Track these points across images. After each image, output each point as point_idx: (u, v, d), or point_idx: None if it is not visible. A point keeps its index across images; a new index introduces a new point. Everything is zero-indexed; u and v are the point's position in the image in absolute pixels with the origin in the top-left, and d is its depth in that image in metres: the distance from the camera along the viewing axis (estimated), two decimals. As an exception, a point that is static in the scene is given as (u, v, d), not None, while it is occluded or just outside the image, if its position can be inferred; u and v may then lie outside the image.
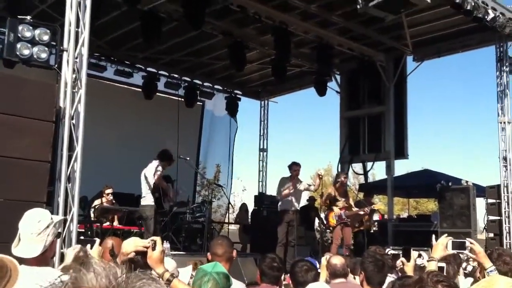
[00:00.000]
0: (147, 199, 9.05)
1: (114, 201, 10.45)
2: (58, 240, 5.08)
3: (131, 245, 2.64)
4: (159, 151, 9.73)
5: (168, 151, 9.70)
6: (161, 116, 15.52)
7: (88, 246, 3.25)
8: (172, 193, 10.17)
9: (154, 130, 15.30)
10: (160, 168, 9.30)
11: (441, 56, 14.03)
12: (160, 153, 9.44)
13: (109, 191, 10.49)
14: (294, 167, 10.58)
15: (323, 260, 5.29)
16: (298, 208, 11.00)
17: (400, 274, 5.04)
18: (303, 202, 13.05)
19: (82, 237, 6.65)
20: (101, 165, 12.27)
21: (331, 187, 11.33)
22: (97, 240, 3.32)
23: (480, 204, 12.43)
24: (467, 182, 12.02)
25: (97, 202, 10.22)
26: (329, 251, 9.95)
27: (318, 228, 14.82)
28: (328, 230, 13.51)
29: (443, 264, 3.72)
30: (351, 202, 11.59)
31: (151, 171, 9.17)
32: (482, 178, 42.99)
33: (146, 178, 9.09)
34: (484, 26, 10.77)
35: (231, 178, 17.72)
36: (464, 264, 5.30)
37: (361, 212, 11.49)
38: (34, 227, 3.03)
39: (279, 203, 10.79)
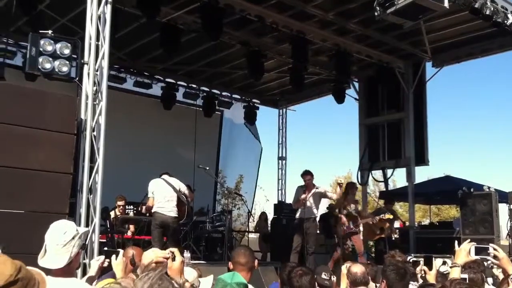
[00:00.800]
0: (176, 211, 8.90)
1: (128, 212, 10.51)
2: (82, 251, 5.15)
3: (151, 256, 2.66)
4: (178, 161, 9.78)
5: None
6: (180, 126, 15.62)
7: (113, 257, 3.28)
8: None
9: (173, 140, 15.41)
10: None
11: (460, 62, 13.92)
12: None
13: (120, 202, 10.57)
14: (305, 176, 10.49)
15: (343, 268, 5.27)
16: (316, 216, 10.90)
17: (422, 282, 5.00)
18: (323, 210, 12.98)
19: (106, 248, 6.70)
20: (121, 175, 12.37)
21: (342, 196, 11.34)
22: (121, 251, 3.35)
23: (503, 210, 12.26)
24: (489, 188, 11.86)
25: (112, 213, 10.30)
26: (350, 259, 9.91)
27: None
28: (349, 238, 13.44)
29: (466, 275, 3.68)
30: (359, 208, 11.84)
31: (184, 187, 9.24)
32: (505, 184, 42.34)
33: (181, 192, 9.09)
34: (504, 30, 10.66)
35: (255, 188, 17.76)
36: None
37: (370, 222, 11.53)
38: (60, 239, 3.07)
39: (297, 212, 10.75)
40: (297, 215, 10.57)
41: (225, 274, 3.19)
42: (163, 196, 8.87)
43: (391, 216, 12.19)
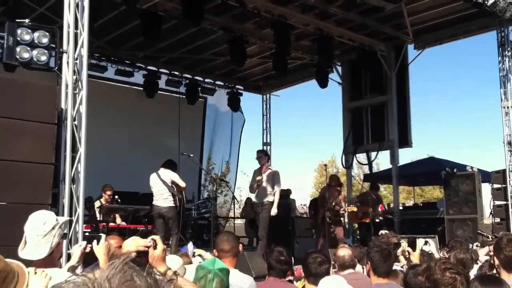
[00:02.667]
0: (169, 201, 9.37)
1: (118, 200, 10.46)
2: (65, 241, 5.11)
3: (132, 245, 2.64)
4: (162, 149, 9.80)
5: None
6: (163, 114, 15.56)
7: (95, 242, 3.24)
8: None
9: (157, 128, 15.35)
10: None
11: (442, 43, 13.98)
12: (172, 164, 9.76)
13: (109, 192, 10.52)
14: (257, 154, 10.38)
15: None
16: (269, 200, 10.18)
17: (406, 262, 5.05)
18: (300, 192, 12.95)
19: (87, 233, 6.66)
20: (105, 164, 12.29)
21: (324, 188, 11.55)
22: (103, 236, 3.32)
23: (486, 189, 12.44)
24: (472, 168, 12.01)
25: (97, 203, 10.25)
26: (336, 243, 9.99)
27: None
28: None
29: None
30: (343, 194, 12.16)
31: (177, 177, 9.55)
32: (487, 163, 42.83)
33: (173, 182, 9.45)
34: (485, 11, 10.70)
35: (236, 173, 17.75)
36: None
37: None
38: (40, 229, 3.04)
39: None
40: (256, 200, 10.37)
41: (205, 261, 3.18)
42: (157, 189, 9.49)
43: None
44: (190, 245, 9.03)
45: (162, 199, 9.41)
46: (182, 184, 9.57)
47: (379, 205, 13.18)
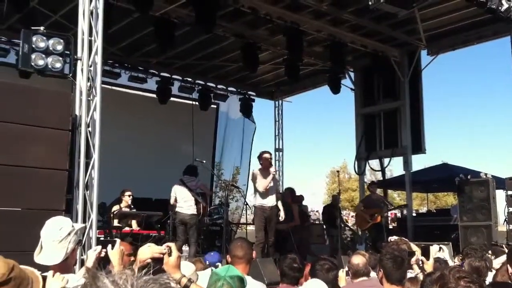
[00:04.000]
0: (193, 209, 9.62)
1: (132, 206, 10.48)
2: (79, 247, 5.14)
3: (147, 252, 2.66)
4: (176, 155, 9.86)
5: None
6: (176, 120, 15.62)
7: (109, 246, 3.25)
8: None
9: (170, 134, 15.40)
10: None
11: (455, 49, 13.93)
12: (196, 170, 10.13)
13: (128, 193, 10.52)
14: (266, 155, 9.52)
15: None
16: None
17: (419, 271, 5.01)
18: (312, 198, 12.73)
19: (102, 238, 6.70)
20: (118, 171, 12.34)
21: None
22: (118, 240, 3.33)
23: (500, 196, 12.30)
24: (486, 174, 11.90)
25: (115, 207, 10.27)
26: (350, 250, 9.95)
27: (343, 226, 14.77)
28: (347, 228, 13.54)
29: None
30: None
31: (202, 186, 9.94)
32: (502, 170, 42.45)
33: (204, 188, 9.96)
34: (498, 17, 10.63)
35: (248, 179, 17.73)
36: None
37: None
38: (56, 235, 3.06)
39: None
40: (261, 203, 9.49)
41: (220, 268, 3.19)
42: (181, 197, 9.70)
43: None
44: (185, 248, 9.29)
45: (187, 206, 9.59)
46: (209, 191, 9.97)
47: (386, 209, 13.09)
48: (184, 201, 9.64)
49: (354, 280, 5.01)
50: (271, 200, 9.43)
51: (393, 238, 6.31)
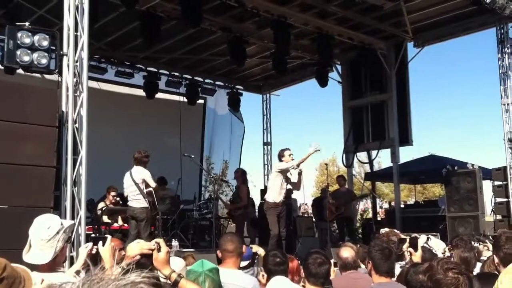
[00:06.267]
0: (141, 202, 8.87)
1: (120, 202, 10.45)
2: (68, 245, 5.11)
3: (136, 248, 2.66)
4: (164, 150, 9.63)
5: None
6: (164, 115, 15.56)
7: (100, 243, 3.24)
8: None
9: (157, 129, 15.33)
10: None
11: (442, 41, 13.98)
12: (141, 158, 9.13)
13: (113, 193, 10.50)
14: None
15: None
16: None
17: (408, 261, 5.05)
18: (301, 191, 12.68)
19: (93, 235, 6.67)
20: (106, 167, 12.27)
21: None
22: (109, 237, 3.32)
23: (487, 186, 12.42)
24: (473, 165, 12.01)
25: (101, 204, 10.24)
26: (338, 242, 9.99)
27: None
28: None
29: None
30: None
31: (149, 177, 8.99)
32: (488, 160, 42.83)
33: (144, 182, 8.91)
34: (484, 8, 10.71)
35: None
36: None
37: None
38: (44, 234, 3.04)
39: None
40: (282, 199, 9.90)
41: (194, 264, 3.18)
42: (129, 190, 9.02)
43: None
44: (174, 243, 8.99)
45: (131, 198, 8.95)
46: (153, 184, 9.02)
47: (352, 198, 13.21)
48: (129, 192, 8.99)
49: (342, 273, 5.05)
50: (282, 196, 9.76)
51: (383, 230, 6.35)
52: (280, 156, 9.82)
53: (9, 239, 4.83)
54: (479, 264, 5.00)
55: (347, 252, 5.06)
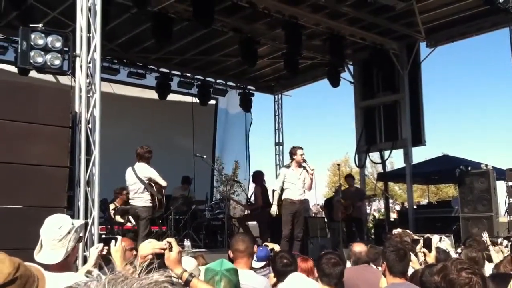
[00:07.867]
0: (143, 200, 8.60)
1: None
2: (80, 244, 5.14)
3: (148, 247, 2.66)
4: (176, 150, 9.58)
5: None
6: (176, 116, 15.60)
7: (112, 243, 3.26)
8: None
9: (170, 130, 15.38)
10: None
11: (454, 41, 13.88)
12: (144, 153, 8.94)
13: (125, 191, 10.50)
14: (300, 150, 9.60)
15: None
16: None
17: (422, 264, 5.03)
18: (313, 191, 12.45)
19: (103, 236, 6.71)
20: (119, 167, 12.32)
21: None
22: (119, 238, 3.33)
23: (501, 187, 12.30)
24: (486, 165, 11.90)
25: (112, 205, 10.28)
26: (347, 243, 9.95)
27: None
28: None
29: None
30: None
31: (157, 176, 8.71)
32: (502, 161, 42.45)
33: (150, 179, 8.62)
34: (497, 8, 10.62)
35: (249, 173, 17.75)
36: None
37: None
38: (56, 234, 3.05)
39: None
40: (300, 198, 9.61)
41: (213, 263, 3.18)
42: (132, 187, 8.75)
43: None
44: (186, 243, 8.88)
45: (133, 196, 8.67)
46: (163, 183, 8.70)
47: (361, 198, 13.16)
48: (131, 190, 8.71)
49: (355, 266, 5.11)
50: (301, 194, 9.52)
51: (396, 230, 6.34)
52: (292, 154, 9.62)
53: (24, 238, 4.86)
54: (490, 265, 4.98)
55: (359, 247, 5.17)
